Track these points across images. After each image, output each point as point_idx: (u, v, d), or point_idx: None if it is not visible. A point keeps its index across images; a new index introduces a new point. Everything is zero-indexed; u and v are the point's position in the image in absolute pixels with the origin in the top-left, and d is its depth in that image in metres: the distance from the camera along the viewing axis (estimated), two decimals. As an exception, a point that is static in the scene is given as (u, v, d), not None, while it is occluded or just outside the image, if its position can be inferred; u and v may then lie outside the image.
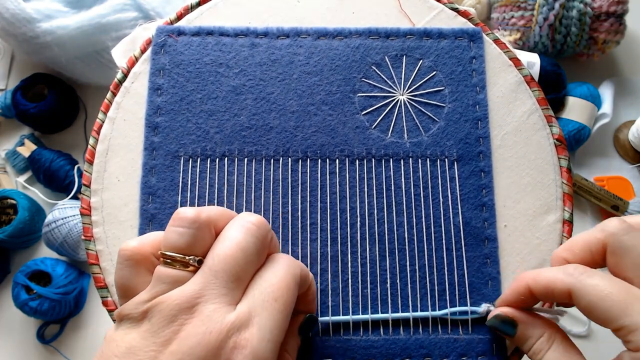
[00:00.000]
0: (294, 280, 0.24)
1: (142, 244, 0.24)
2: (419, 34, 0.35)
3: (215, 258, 0.22)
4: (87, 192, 0.32)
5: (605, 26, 0.58)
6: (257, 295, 0.22)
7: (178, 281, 0.22)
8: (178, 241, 0.23)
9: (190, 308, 0.21)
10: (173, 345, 0.21)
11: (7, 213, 0.55)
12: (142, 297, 0.22)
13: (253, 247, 0.23)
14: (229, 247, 0.23)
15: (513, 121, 0.34)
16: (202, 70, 0.34)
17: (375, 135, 0.33)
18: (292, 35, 0.35)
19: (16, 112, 0.59)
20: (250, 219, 0.24)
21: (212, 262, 0.22)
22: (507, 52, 0.35)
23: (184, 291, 0.22)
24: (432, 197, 0.32)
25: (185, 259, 0.23)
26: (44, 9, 0.54)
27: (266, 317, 0.22)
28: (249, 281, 0.23)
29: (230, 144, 0.33)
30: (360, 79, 0.34)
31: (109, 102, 0.34)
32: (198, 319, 0.21)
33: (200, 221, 0.23)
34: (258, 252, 0.23)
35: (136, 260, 0.23)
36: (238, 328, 0.21)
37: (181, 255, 0.23)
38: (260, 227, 0.24)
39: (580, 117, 0.59)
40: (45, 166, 0.57)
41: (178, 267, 0.23)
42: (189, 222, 0.23)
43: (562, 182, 0.33)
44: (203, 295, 0.22)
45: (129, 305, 0.22)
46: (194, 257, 0.23)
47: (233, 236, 0.23)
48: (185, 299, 0.21)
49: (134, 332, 0.21)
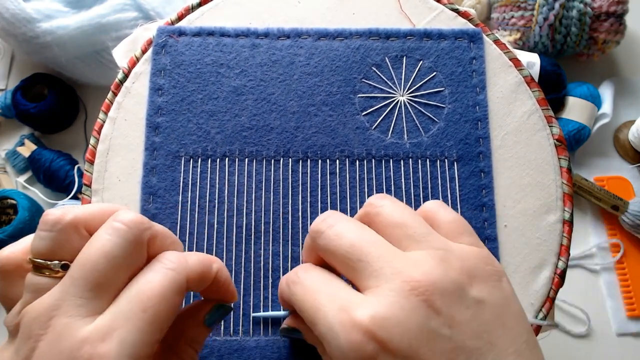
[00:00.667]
0: (173, 287, 0.21)
1: (13, 252, 0.22)
2: (419, 34, 0.35)
3: (75, 265, 0.20)
4: (87, 192, 0.33)
5: (605, 26, 0.58)
6: (122, 305, 0.20)
7: (41, 289, 0.20)
8: (39, 246, 0.21)
9: (46, 322, 0.19)
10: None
11: (7, 213, 0.55)
12: (16, 309, 0.21)
13: (119, 250, 0.20)
14: (89, 251, 0.20)
15: (513, 121, 0.34)
16: (203, 70, 0.34)
17: (376, 135, 0.33)
18: (292, 36, 0.35)
19: (16, 112, 0.59)
20: (121, 218, 0.21)
21: (72, 269, 0.20)
22: (507, 53, 0.35)
23: (40, 303, 0.20)
24: (432, 197, 0.32)
25: (48, 265, 0.21)
26: (44, 9, 0.54)
27: (129, 330, 0.19)
28: (120, 289, 0.21)
29: (231, 144, 0.33)
30: (361, 79, 0.34)
31: (109, 102, 0.34)
32: (51, 335, 0.19)
33: (62, 223, 0.21)
34: (127, 256, 0.21)
35: (8, 271, 0.22)
36: (92, 343, 0.19)
37: (44, 261, 0.21)
38: (132, 227, 0.21)
39: (580, 117, 0.59)
40: (45, 166, 0.57)
41: (47, 274, 0.21)
42: (50, 224, 0.21)
43: (562, 182, 0.33)
44: (59, 307, 0.19)
45: (7, 318, 0.21)
46: (57, 262, 0.21)
47: (97, 239, 0.21)
48: (41, 311, 0.19)
49: (10, 348, 0.20)
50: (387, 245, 0.22)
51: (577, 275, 0.57)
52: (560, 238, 0.32)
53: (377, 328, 0.19)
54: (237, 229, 0.32)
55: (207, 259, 0.23)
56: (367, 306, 0.20)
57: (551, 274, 0.31)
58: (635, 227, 0.56)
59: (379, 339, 0.19)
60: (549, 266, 0.31)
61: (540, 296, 0.31)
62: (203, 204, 0.32)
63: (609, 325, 0.55)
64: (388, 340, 0.19)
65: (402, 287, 0.20)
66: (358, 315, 0.20)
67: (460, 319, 0.20)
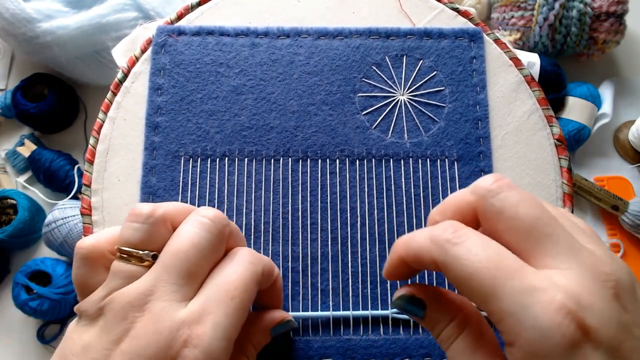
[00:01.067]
0: (253, 278, 0.23)
1: (98, 241, 0.23)
2: (420, 34, 0.35)
3: (167, 254, 0.22)
4: (87, 191, 0.32)
5: (605, 26, 0.58)
6: (212, 292, 0.22)
7: (132, 276, 0.22)
8: (132, 236, 0.22)
9: (141, 306, 0.21)
10: (124, 344, 0.20)
11: (7, 213, 0.55)
12: (99, 294, 0.22)
13: (207, 242, 0.23)
14: (180, 242, 0.22)
15: (513, 121, 0.34)
16: (202, 70, 0.34)
17: (376, 135, 0.33)
18: (292, 35, 0.35)
19: (16, 112, 0.59)
20: (205, 213, 0.23)
21: (164, 258, 0.22)
22: (508, 52, 0.35)
23: (135, 288, 0.21)
24: (432, 197, 0.32)
25: (139, 254, 0.22)
26: (44, 9, 0.54)
27: (220, 315, 0.21)
28: (205, 277, 0.23)
29: (230, 143, 0.33)
30: (361, 79, 0.34)
31: (109, 101, 0.34)
32: (148, 317, 0.21)
33: (155, 216, 0.23)
34: (213, 247, 0.23)
35: (93, 258, 0.23)
36: (189, 325, 0.21)
37: (136, 250, 0.22)
38: (216, 222, 0.23)
39: (580, 117, 0.59)
40: (45, 166, 0.57)
41: (134, 263, 0.22)
42: (144, 217, 0.23)
43: (562, 182, 0.33)
44: (154, 292, 0.21)
45: (86, 302, 0.22)
46: (148, 252, 0.22)
47: (186, 231, 0.23)
48: (135, 296, 0.21)
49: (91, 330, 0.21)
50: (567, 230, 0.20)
51: (577, 275, 0.57)
52: (561, 238, 0.32)
53: (583, 313, 0.17)
54: (236, 228, 0.32)
55: (272, 262, 0.26)
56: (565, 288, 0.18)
57: (551, 273, 0.31)
58: (635, 227, 0.56)
59: (585, 326, 0.17)
60: (549, 266, 0.31)
61: (541, 296, 0.31)
62: (203, 203, 0.32)
63: (610, 325, 0.55)
64: (594, 328, 0.17)
65: (596, 276, 0.18)
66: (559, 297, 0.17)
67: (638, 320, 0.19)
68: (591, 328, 0.17)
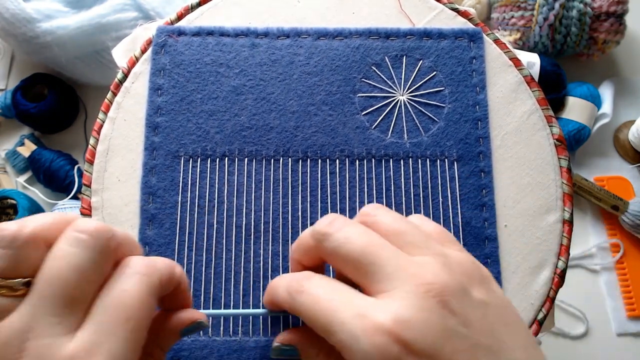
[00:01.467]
0: (150, 292, 0.20)
1: None
2: (419, 34, 0.35)
3: (42, 281, 0.19)
4: (87, 192, 0.32)
5: (605, 26, 0.58)
6: (103, 317, 0.19)
7: (4, 310, 0.19)
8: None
9: (19, 345, 0.18)
10: None
11: (7, 213, 0.55)
12: None
13: (87, 262, 0.19)
14: (56, 266, 0.19)
15: (513, 121, 0.34)
16: (202, 70, 0.34)
17: (375, 135, 0.33)
18: (292, 36, 0.35)
19: (16, 112, 0.59)
20: (83, 227, 0.20)
21: (39, 286, 0.19)
22: (507, 52, 0.35)
23: (9, 325, 0.18)
24: (432, 197, 0.32)
25: (9, 283, 0.19)
26: (44, 9, 0.54)
27: (115, 342, 0.19)
28: (91, 301, 0.20)
29: (230, 144, 0.33)
30: (361, 79, 0.34)
31: (109, 102, 0.34)
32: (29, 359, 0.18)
33: (22, 238, 0.19)
34: (96, 267, 0.20)
35: None
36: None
37: (4, 280, 0.19)
38: (96, 236, 0.20)
39: (580, 117, 0.59)
40: (45, 166, 0.57)
41: (4, 293, 0.19)
42: (8, 240, 0.19)
43: (562, 182, 0.33)
44: (32, 328, 0.18)
45: None
46: (20, 279, 0.19)
47: (61, 251, 0.20)
48: (11, 335, 0.18)
49: None
50: (395, 249, 0.22)
51: (577, 275, 0.57)
52: (560, 238, 0.32)
53: (401, 330, 0.19)
54: (236, 228, 0.32)
55: (171, 262, 0.23)
56: (386, 309, 0.20)
57: (551, 273, 0.31)
58: (635, 227, 0.56)
59: (403, 341, 0.19)
60: (549, 266, 0.31)
61: (540, 296, 0.31)
62: (202, 203, 0.32)
63: (609, 325, 0.55)
64: (412, 341, 0.19)
65: (417, 290, 0.20)
66: (379, 319, 0.19)
67: (472, 319, 0.20)
68: (410, 341, 0.19)
